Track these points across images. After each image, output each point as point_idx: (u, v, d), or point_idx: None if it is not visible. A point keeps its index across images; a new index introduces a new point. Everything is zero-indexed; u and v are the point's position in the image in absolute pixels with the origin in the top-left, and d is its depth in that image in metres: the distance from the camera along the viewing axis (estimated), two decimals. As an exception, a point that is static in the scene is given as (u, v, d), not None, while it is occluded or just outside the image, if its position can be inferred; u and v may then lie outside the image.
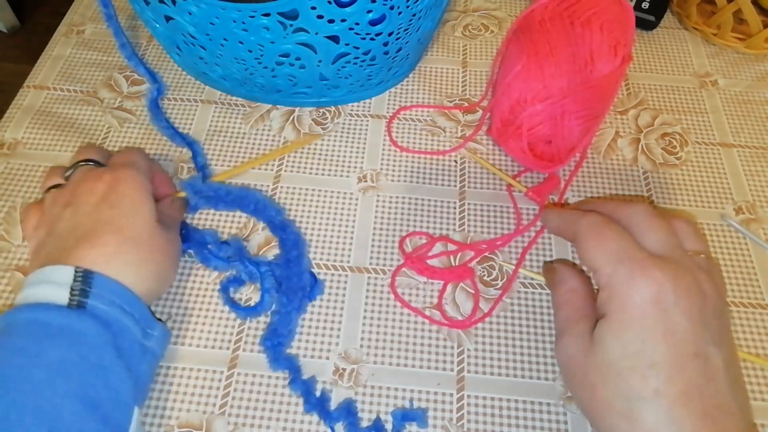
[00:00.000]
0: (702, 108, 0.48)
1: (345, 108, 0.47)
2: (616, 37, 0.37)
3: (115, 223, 0.32)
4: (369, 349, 0.36)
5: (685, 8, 0.53)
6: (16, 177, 0.42)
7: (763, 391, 0.35)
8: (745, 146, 0.46)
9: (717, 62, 0.51)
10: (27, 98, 0.47)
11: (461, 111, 0.47)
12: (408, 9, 0.39)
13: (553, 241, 0.40)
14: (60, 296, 0.29)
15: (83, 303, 0.29)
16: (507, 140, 0.42)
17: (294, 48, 0.40)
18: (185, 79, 0.49)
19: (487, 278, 0.39)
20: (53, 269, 0.30)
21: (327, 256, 0.40)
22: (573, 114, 0.38)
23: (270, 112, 0.47)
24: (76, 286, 0.29)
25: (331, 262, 0.39)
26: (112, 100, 0.47)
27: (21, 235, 0.40)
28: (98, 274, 0.30)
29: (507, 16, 0.55)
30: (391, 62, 0.45)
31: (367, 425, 0.33)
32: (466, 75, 0.50)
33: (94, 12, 0.54)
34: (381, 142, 0.45)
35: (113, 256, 0.31)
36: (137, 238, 0.32)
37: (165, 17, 0.40)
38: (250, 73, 0.43)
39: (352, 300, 0.38)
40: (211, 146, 0.45)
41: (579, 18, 0.38)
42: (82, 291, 0.29)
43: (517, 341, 0.36)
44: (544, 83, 0.38)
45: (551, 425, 0.34)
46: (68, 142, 0.44)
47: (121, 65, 0.50)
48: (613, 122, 0.47)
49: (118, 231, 0.31)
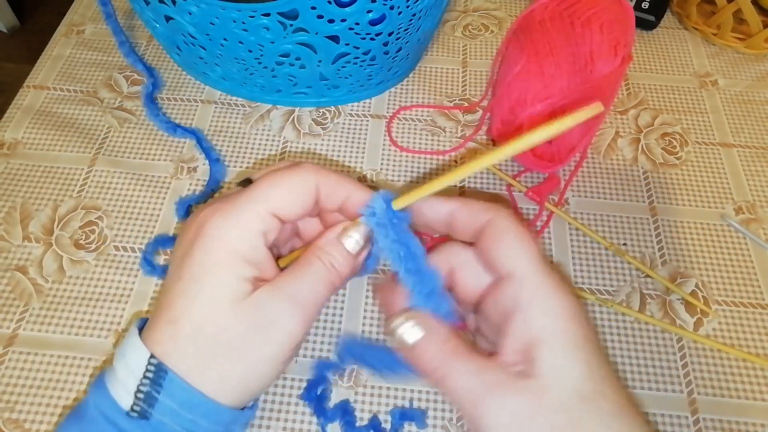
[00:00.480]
0: (702, 108, 0.48)
1: (345, 108, 0.47)
2: (616, 37, 0.37)
3: (174, 304, 0.23)
4: (369, 349, 0.36)
5: (685, 8, 0.53)
6: (16, 177, 0.42)
7: (763, 391, 0.35)
8: (745, 146, 0.46)
9: (717, 62, 0.51)
10: (27, 98, 0.47)
11: (461, 111, 0.47)
12: (408, 9, 0.39)
13: (553, 241, 0.40)
14: (127, 392, 0.22)
15: (147, 413, 0.22)
16: (507, 140, 0.42)
17: (294, 48, 0.40)
18: (185, 79, 0.49)
19: (487, 278, 0.39)
20: (133, 343, 0.23)
21: (327, 256, 0.39)
22: (573, 114, 0.38)
23: (270, 112, 0.47)
24: (144, 384, 0.22)
25: (331, 262, 0.39)
26: (112, 100, 0.47)
27: (21, 235, 0.40)
28: (172, 374, 0.22)
29: (507, 16, 0.55)
30: (391, 62, 0.45)
31: (364, 424, 0.33)
32: (466, 75, 0.50)
33: (94, 12, 0.54)
34: (381, 142, 0.45)
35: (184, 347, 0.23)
36: (200, 329, 0.23)
37: (165, 17, 0.40)
38: (250, 73, 0.43)
39: (352, 300, 0.38)
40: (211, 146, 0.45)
41: (579, 18, 0.38)
42: (149, 396, 0.22)
43: (517, 341, 0.36)
44: (544, 83, 0.38)
45: (551, 425, 0.34)
46: (68, 142, 0.44)
47: (121, 65, 0.50)
48: (613, 122, 0.47)
49: (173, 318, 0.23)
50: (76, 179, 0.42)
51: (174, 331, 0.23)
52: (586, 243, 0.40)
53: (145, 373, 0.22)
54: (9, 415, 0.33)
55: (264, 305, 0.23)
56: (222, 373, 0.23)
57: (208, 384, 0.23)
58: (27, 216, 0.41)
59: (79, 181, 0.42)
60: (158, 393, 0.22)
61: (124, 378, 0.23)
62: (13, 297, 0.37)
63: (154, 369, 0.22)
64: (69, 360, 0.35)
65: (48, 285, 0.38)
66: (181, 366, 0.22)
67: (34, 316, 0.36)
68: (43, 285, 0.38)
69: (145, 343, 0.23)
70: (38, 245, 0.39)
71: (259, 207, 0.23)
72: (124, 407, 0.22)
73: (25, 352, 0.35)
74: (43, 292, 0.37)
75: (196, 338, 0.22)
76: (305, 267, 0.24)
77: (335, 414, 0.33)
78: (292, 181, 0.24)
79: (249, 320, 0.22)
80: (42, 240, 0.39)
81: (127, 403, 0.22)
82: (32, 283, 0.38)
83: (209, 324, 0.22)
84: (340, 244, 0.24)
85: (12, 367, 0.35)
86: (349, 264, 0.25)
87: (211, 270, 0.23)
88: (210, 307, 0.22)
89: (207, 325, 0.22)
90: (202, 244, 0.23)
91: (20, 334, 0.36)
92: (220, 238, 0.23)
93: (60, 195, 0.42)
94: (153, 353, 0.22)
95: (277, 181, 0.24)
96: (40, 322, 0.36)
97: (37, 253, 0.39)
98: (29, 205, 0.41)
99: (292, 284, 0.23)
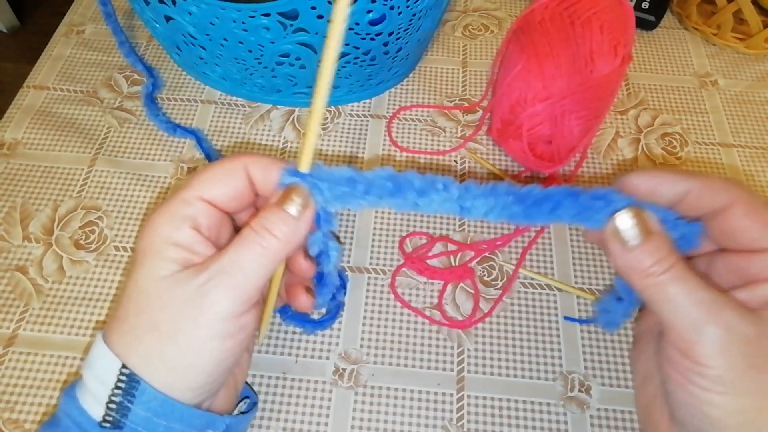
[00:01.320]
0: (702, 108, 0.48)
1: (345, 108, 0.47)
2: (616, 37, 0.37)
3: (121, 298, 0.24)
4: (369, 349, 0.36)
5: (685, 8, 0.53)
6: (16, 177, 0.42)
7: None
8: (745, 146, 0.46)
9: (717, 62, 0.51)
10: (27, 98, 0.47)
11: (461, 111, 0.47)
12: (408, 9, 0.39)
13: (554, 241, 0.40)
14: (98, 402, 0.23)
15: (120, 423, 0.22)
16: (507, 140, 0.42)
17: (294, 48, 0.39)
18: (185, 79, 0.49)
19: (487, 278, 0.39)
20: (101, 353, 0.23)
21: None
22: (573, 114, 0.38)
23: (270, 112, 0.47)
24: (116, 395, 0.22)
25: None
26: (112, 100, 0.47)
27: (21, 235, 0.40)
28: (144, 384, 0.22)
29: (507, 16, 0.55)
30: (391, 62, 0.45)
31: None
32: (466, 75, 0.50)
33: (94, 12, 0.54)
34: (381, 142, 0.45)
35: (151, 353, 0.23)
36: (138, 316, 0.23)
37: (165, 17, 0.40)
38: (250, 73, 0.43)
39: (352, 300, 0.38)
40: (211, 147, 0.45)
41: (579, 18, 0.38)
42: (121, 406, 0.22)
43: (517, 341, 0.36)
44: (544, 83, 0.38)
45: (551, 425, 0.34)
46: (68, 142, 0.44)
47: (121, 65, 0.50)
48: (613, 122, 0.47)
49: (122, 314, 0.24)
50: (76, 179, 0.42)
51: (123, 326, 0.23)
52: (586, 243, 0.40)
53: (117, 383, 0.22)
54: (9, 415, 0.33)
55: (188, 281, 0.23)
56: (162, 360, 0.23)
57: (158, 377, 0.23)
58: (27, 216, 0.41)
59: (79, 181, 0.42)
60: (131, 403, 0.22)
61: (95, 388, 0.23)
62: (13, 297, 0.37)
63: (126, 379, 0.22)
64: (69, 360, 0.35)
65: (48, 285, 0.38)
66: (135, 362, 0.23)
67: (34, 316, 0.36)
68: (43, 285, 0.38)
69: (109, 347, 0.23)
70: (38, 245, 0.39)
71: (184, 194, 0.24)
72: (96, 418, 0.22)
73: (25, 352, 0.35)
74: (43, 292, 0.37)
75: (139, 328, 0.23)
76: (237, 240, 0.24)
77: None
78: (217, 166, 0.25)
79: (176, 297, 0.23)
80: (42, 240, 0.40)
81: (98, 413, 0.22)
82: (32, 283, 0.38)
83: (140, 306, 0.23)
84: (278, 209, 0.24)
85: (12, 367, 0.35)
86: (289, 226, 0.24)
87: (144, 254, 0.24)
88: (140, 287, 0.23)
89: (143, 311, 0.23)
90: (139, 237, 0.25)
91: (20, 334, 0.36)
92: (151, 227, 0.24)
93: (60, 195, 0.42)
94: (118, 355, 0.23)
95: (204, 169, 0.25)
96: (40, 322, 0.36)
97: (37, 253, 0.39)
98: (29, 205, 0.41)
99: (221, 259, 0.23)
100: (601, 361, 0.36)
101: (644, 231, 0.22)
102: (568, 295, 0.38)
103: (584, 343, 0.36)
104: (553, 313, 0.37)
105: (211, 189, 0.24)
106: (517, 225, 0.41)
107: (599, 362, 0.36)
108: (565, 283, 0.38)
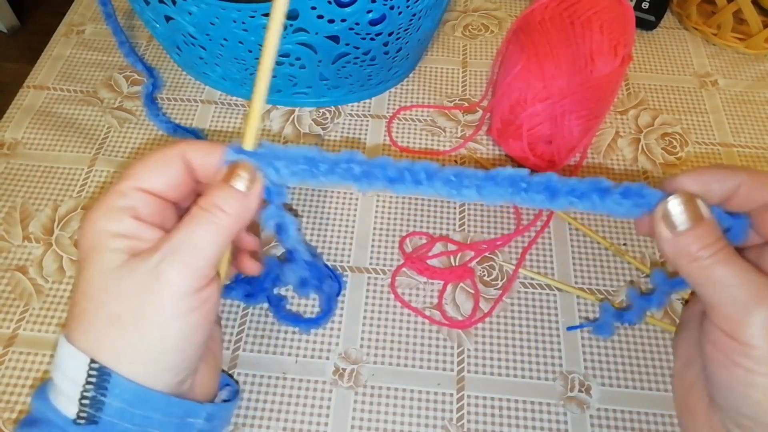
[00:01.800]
0: (702, 108, 0.48)
1: (345, 108, 0.47)
2: (616, 37, 0.37)
3: (74, 296, 0.24)
4: (369, 349, 0.36)
5: (685, 8, 0.53)
6: (16, 177, 0.42)
7: None
8: (745, 146, 0.46)
9: (717, 62, 0.51)
10: (27, 98, 0.47)
11: (461, 111, 0.47)
12: (408, 9, 0.39)
13: (554, 241, 0.40)
14: (69, 400, 0.22)
15: (95, 417, 0.22)
16: (507, 140, 0.42)
17: (294, 48, 0.40)
18: (185, 79, 0.49)
19: (487, 278, 0.39)
20: (68, 353, 0.23)
21: (327, 256, 0.39)
22: (573, 114, 0.38)
23: (270, 112, 0.47)
24: (88, 390, 0.22)
25: (331, 262, 0.39)
26: (112, 100, 0.47)
27: (21, 235, 0.40)
28: (116, 375, 0.22)
29: (507, 16, 0.55)
30: (391, 62, 0.45)
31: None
32: (466, 75, 0.50)
33: (94, 12, 0.54)
34: (381, 142, 0.45)
35: (117, 344, 0.23)
36: (95, 310, 0.23)
37: (165, 17, 0.40)
38: (250, 74, 0.43)
39: (352, 300, 0.38)
40: (211, 146, 0.45)
41: (579, 18, 0.38)
42: (95, 400, 0.22)
43: (517, 341, 0.36)
44: (544, 83, 0.38)
45: (551, 425, 0.34)
46: (68, 142, 0.44)
47: (121, 65, 0.50)
48: (613, 122, 0.47)
49: (78, 311, 0.23)
50: (76, 179, 0.42)
51: (83, 324, 0.23)
52: (586, 243, 0.40)
53: (88, 379, 0.22)
54: (9, 416, 0.33)
55: (140, 266, 0.22)
56: (130, 350, 0.23)
57: (129, 368, 0.22)
58: (27, 216, 0.41)
59: (79, 181, 0.42)
60: (104, 396, 0.22)
61: (66, 387, 0.22)
62: (13, 297, 0.37)
63: (97, 373, 0.22)
64: (69, 360, 0.35)
65: (48, 285, 0.38)
66: (103, 357, 0.22)
67: (34, 316, 0.36)
68: (43, 285, 0.38)
69: (74, 345, 0.23)
70: (38, 245, 0.39)
71: (120, 186, 0.24)
72: (71, 416, 0.22)
73: (25, 352, 0.35)
74: (43, 292, 0.37)
75: (99, 322, 0.23)
76: (186, 219, 0.24)
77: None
78: (153, 155, 0.25)
79: (130, 285, 0.22)
80: (42, 240, 0.40)
81: (72, 411, 0.22)
82: (32, 283, 0.38)
83: (97, 301, 0.23)
84: (226, 185, 0.24)
85: (12, 367, 0.35)
86: (238, 201, 0.24)
87: (89, 252, 0.23)
88: (93, 283, 0.23)
89: (100, 306, 0.23)
90: (80, 235, 0.24)
91: (20, 334, 0.36)
92: (90, 223, 0.23)
93: (60, 195, 0.42)
94: (84, 352, 0.22)
95: (139, 159, 0.25)
96: (40, 322, 0.36)
97: (37, 253, 0.39)
98: (29, 205, 0.41)
99: (171, 239, 0.23)
100: (601, 361, 0.36)
101: (694, 216, 0.23)
102: (568, 295, 0.38)
103: (584, 343, 0.36)
104: (553, 313, 0.37)
105: (149, 179, 0.24)
106: (517, 225, 0.41)
107: (599, 362, 0.36)
108: (565, 283, 0.38)
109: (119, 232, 0.23)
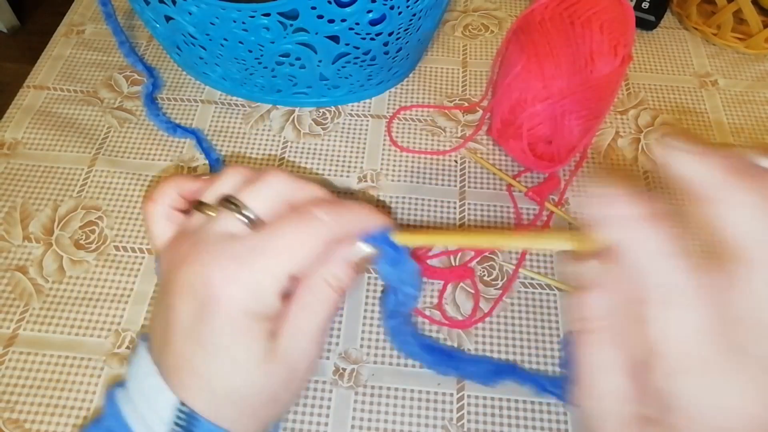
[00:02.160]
0: (702, 108, 0.48)
1: (345, 108, 0.47)
2: (616, 37, 0.37)
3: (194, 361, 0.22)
4: (369, 349, 0.36)
5: (685, 8, 0.53)
6: (16, 177, 0.42)
7: None
8: (745, 146, 0.46)
9: (717, 62, 0.51)
10: (27, 98, 0.47)
11: (461, 111, 0.47)
12: (408, 9, 0.39)
13: (553, 241, 0.40)
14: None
15: None
16: (507, 140, 0.42)
17: (294, 48, 0.40)
18: (185, 79, 0.49)
19: (487, 278, 0.39)
20: (157, 385, 0.22)
21: (327, 256, 0.40)
22: (573, 114, 0.38)
23: (270, 112, 0.47)
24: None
25: (331, 262, 0.39)
26: (112, 100, 0.47)
27: (21, 235, 0.40)
28: (205, 421, 0.22)
29: (507, 16, 0.55)
30: (391, 62, 0.45)
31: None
32: (466, 75, 0.50)
33: (94, 12, 0.54)
34: (381, 142, 0.45)
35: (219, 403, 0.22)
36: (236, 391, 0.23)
37: (165, 17, 0.40)
38: (250, 73, 0.43)
39: (352, 300, 0.38)
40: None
41: (579, 18, 0.38)
42: None
43: (517, 341, 0.36)
44: (544, 83, 0.38)
45: (551, 425, 0.34)
46: (68, 142, 0.44)
47: (121, 65, 0.50)
48: (613, 122, 0.47)
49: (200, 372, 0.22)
50: (76, 179, 0.42)
51: (203, 385, 0.22)
52: (586, 243, 0.40)
53: (176, 420, 0.22)
54: (9, 415, 0.33)
55: (289, 355, 0.23)
56: (258, 420, 0.23)
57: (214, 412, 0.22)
58: (27, 216, 0.41)
59: (79, 181, 0.42)
60: None
61: (150, 420, 0.22)
62: (13, 297, 0.37)
63: (186, 417, 0.22)
64: (69, 360, 0.35)
65: (48, 285, 0.38)
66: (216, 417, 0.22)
67: (34, 316, 0.36)
68: (43, 285, 0.38)
69: (162, 376, 0.22)
70: (38, 245, 0.39)
71: (276, 270, 0.22)
72: None
73: (25, 352, 0.35)
74: (43, 292, 0.37)
75: (232, 398, 0.23)
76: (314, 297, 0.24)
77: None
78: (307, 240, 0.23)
79: (280, 375, 0.23)
80: (42, 240, 0.40)
81: None
82: (32, 283, 0.38)
83: (244, 387, 0.23)
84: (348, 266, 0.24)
85: (12, 367, 0.35)
86: (351, 281, 0.25)
87: (233, 337, 0.22)
88: (241, 374, 0.22)
89: (242, 388, 0.23)
90: (215, 310, 0.22)
91: (20, 334, 0.36)
92: (234, 302, 0.22)
93: (60, 195, 0.42)
94: (181, 399, 0.22)
95: (292, 241, 0.23)
96: (40, 322, 0.36)
97: (37, 253, 0.39)
98: (29, 205, 0.41)
99: (306, 320, 0.23)
100: (601, 361, 0.36)
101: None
102: (568, 295, 0.38)
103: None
104: (553, 313, 0.37)
105: (301, 264, 0.23)
106: (517, 225, 0.41)
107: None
108: (565, 283, 0.38)
109: (268, 314, 0.22)
